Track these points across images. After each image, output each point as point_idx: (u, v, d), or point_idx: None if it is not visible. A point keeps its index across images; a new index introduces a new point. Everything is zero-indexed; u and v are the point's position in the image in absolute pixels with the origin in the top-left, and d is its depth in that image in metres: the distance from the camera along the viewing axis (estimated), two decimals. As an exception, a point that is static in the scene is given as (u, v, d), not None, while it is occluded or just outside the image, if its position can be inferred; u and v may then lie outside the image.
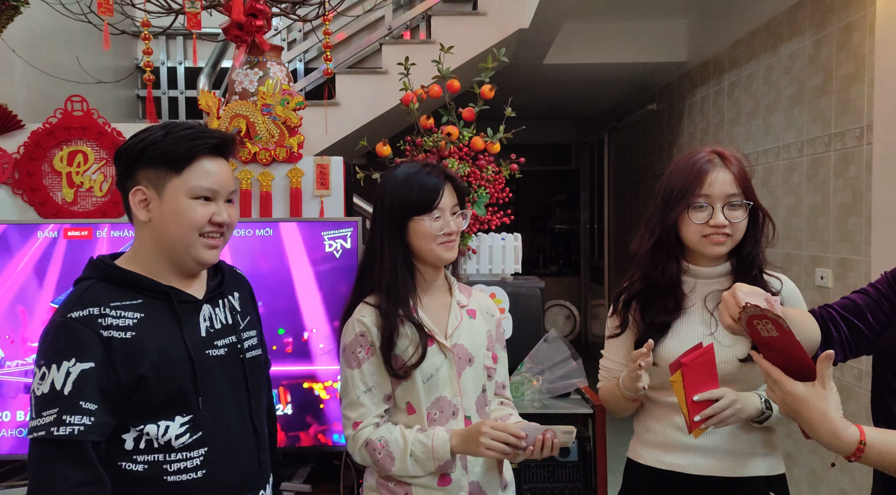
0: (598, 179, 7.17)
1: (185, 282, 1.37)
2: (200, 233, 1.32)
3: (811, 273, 2.96)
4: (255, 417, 1.41)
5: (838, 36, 2.79)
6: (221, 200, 1.35)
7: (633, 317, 1.63)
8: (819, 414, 1.11)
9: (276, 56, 2.34)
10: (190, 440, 1.30)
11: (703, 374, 1.42)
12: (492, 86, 2.30)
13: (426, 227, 1.51)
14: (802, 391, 1.12)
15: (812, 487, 2.99)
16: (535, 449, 1.45)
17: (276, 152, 2.24)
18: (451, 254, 1.55)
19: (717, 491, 1.55)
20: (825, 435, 1.12)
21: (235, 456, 1.36)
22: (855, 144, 2.67)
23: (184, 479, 1.30)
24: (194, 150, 1.30)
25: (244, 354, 1.42)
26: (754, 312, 1.14)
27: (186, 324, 1.33)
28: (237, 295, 1.48)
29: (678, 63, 4.56)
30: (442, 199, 1.51)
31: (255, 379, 1.44)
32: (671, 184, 1.57)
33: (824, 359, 1.12)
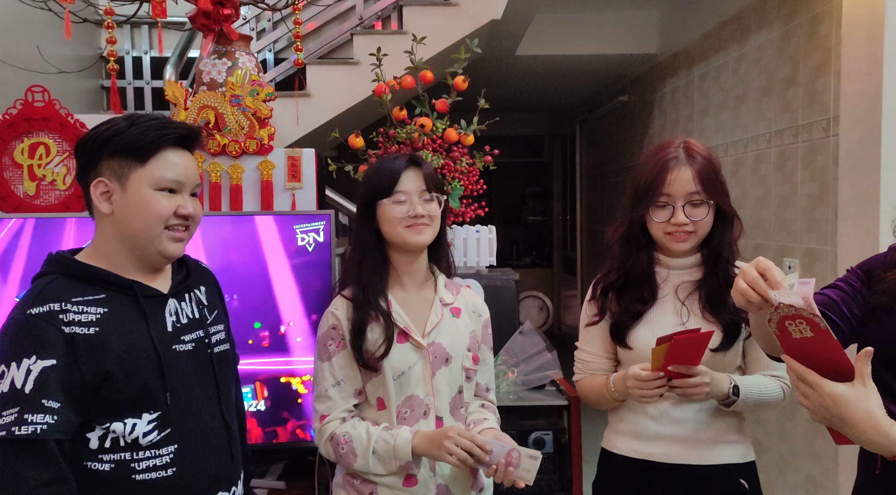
0: (570, 171, 7.21)
1: (149, 277, 1.34)
2: (166, 226, 1.29)
3: (779, 263, 3.00)
4: (225, 412, 1.40)
5: (806, 27, 2.83)
6: (187, 193, 1.32)
7: (608, 307, 1.64)
8: (864, 414, 1.05)
9: (244, 46, 2.29)
10: (158, 437, 1.28)
11: (688, 354, 1.43)
12: (465, 77, 2.29)
13: (390, 210, 1.51)
14: (844, 392, 1.05)
15: (780, 473, 3.04)
16: (498, 473, 1.44)
17: (246, 144, 2.20)
18: (418, 237, 1.52)
19: (690, 478, 1.57)
20: (872, 435, 1.05)
21: (207, 453, 1.34)
22: (822, 136, 2.71)
23: (153, 478, 1.27)
24: (160, 141, 1.28)
25: (212, 349, 1.40)
26: (787, 313, 1.06)
27: (152, 318, 1.30)
28: (203, 289, 1.46)
29: (649, 55, 4.58)
30: (404, 182, 1.51)
31: (223, 374, 1.42)
32: (638, 179, 1.60)
33: (863, 357, 1.06)
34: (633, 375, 1.49)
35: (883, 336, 1.24)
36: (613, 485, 1.65)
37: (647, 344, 1.56)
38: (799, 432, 2.90)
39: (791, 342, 1.08)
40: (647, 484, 1.59)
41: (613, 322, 1.62)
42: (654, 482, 1.59)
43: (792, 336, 1.07)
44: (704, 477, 1.56)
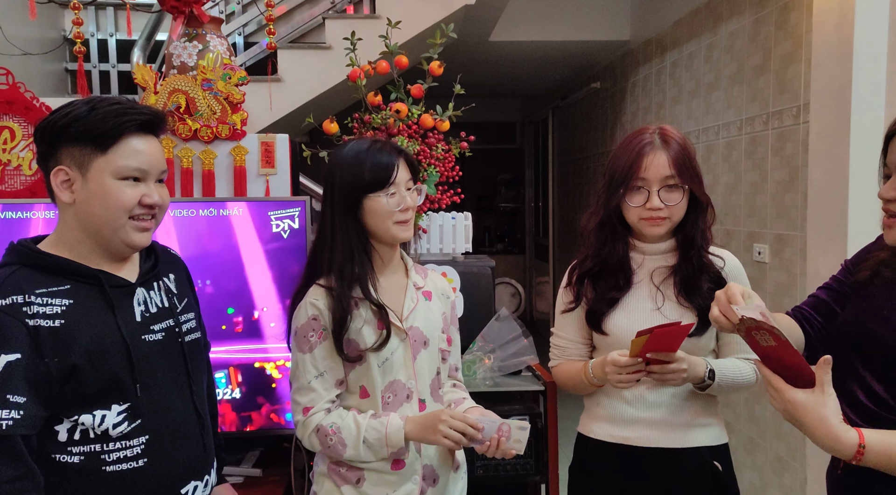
0: (542, 158, 7.23)
1: (115, 266, 1.30)
2: (130, 216, 1.25)
3: (749, 248, 3.05)
4: (197, 402, 1.38)
5: (776, 16, 2.86)
6: (152, 180, 1.28)
7: (584, 294, 1.65)
8: (818, 420, 1.11)
9: (215, 28, 2.25)
10: (129, 429, 1.26)
11: (667, 344, 1.45)
12: (441, 62, 2.27)
13: (382, 205, 1.48)
14: (802, 398, 1.13)
15: (749, 454, 3.11)
16: (490, 449, 1.46)
17: (219, 129, 2.16)
18: (407, 233, 1.52)
19: (665, 461, 1.59)
20: (825, 439, 1.12)
21: (179, 443, 1.33)
22: (792, 123, 2.75)
23: (124, 469, 1.25)
24: (121, 128, 1.23)
25: (182, 338, 1.37)
26: (751, 324, 1.16)
27: (119, 309, 1.27)
28: (173, 276, 1.43)
29: (621, 41, 4.60)
30: (397, 175, 1.49)
31: (195, 363, 1.40)
32: (614, 165, 1.60)
33: (822, 365, 1.13)
34: (612, 361, 1.50)
35: (853, 317, 1.27)
36: (590, 469, 1.67)
37: (623, 329, 1.57)
38: (767, 414, 2.97)
39: (760, 349, 1.18)
40: (623, 467, 1.61)
41: (589, 308, 1.63)
42: (629, 465, 1.60)
43: (759, 343, 1.17)
44: (679, 460, 1.58)
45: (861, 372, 1.25)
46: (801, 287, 2.68)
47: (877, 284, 1.27)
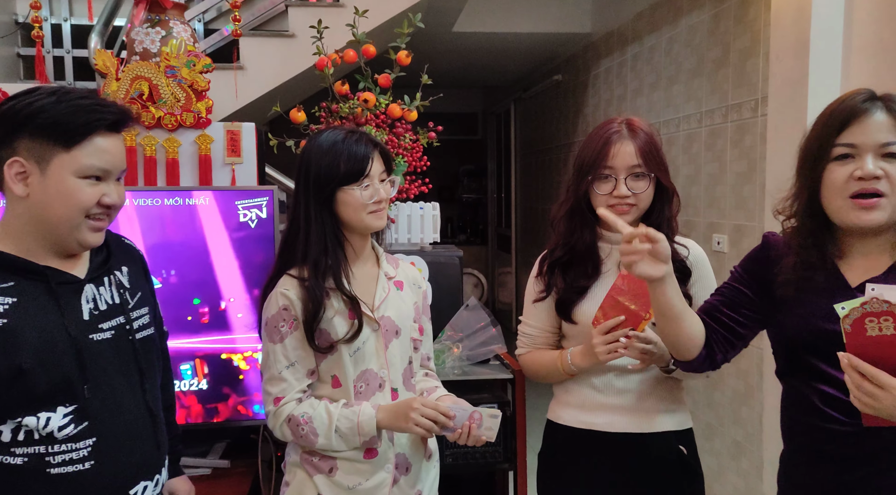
0: (504, 149, 7.27)
1: (64, 261, 1.25)
2: (87, 215, 1.21)
3: (709, 239, 3.12)
4: (150, 400, 1.34)
5: (735, 10, 2.92)
6: (112, 180, 1.23)
7: (554, 283, 1.67)
8: None
9: (179, 14, 2.21)
10: (75, 430, 1.21)
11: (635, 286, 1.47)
12: (409, 52, 2.27)
13: (356, 197, 1.47)
14: None
15: (707, 439, 3.19)
16: (462, 436, 1.47)
17: (183, 117, 2.13)
18: (381, 222, 1.52)
19: (632, 446, 1.62)
20: None
21: (130, 443, 1.29)
22: (750, 115, 2.82)
23: (69, 471, 1.21)
24: (90, 126, 1.18)
25: (134, 335, 1.33)
26: (877, 309, 1.06)
27: (67, 307, 1.22)
28: (126, 269, 1.37)
29: (583, 34, 4.64)
30: (372, 167, 1.48)
31: (148, 361, 1.36)
32: (582, 154, 1.63)
33: None
34: (600, 330, 1.52)
35: (800, 323, 1.30)
36: (559, 455, 1.69)
37: (591, 317, 1.60)
38: (725, 401, 3.05)
39: (862, 339, 1.08)
40: (592, 453, 1.64)
41: (559, 298, 1.66)
42: (598, 451, 1.64)
43: (867, 333, 1.07)
44: (646, 445, 1.62)
45: (828, 371, 1.26)
46: (758, 276, 2.75)
47: (808, 289, 1.29)
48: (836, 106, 1.26)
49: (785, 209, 1.36)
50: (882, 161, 1.20)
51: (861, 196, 1.21)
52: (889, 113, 1.22)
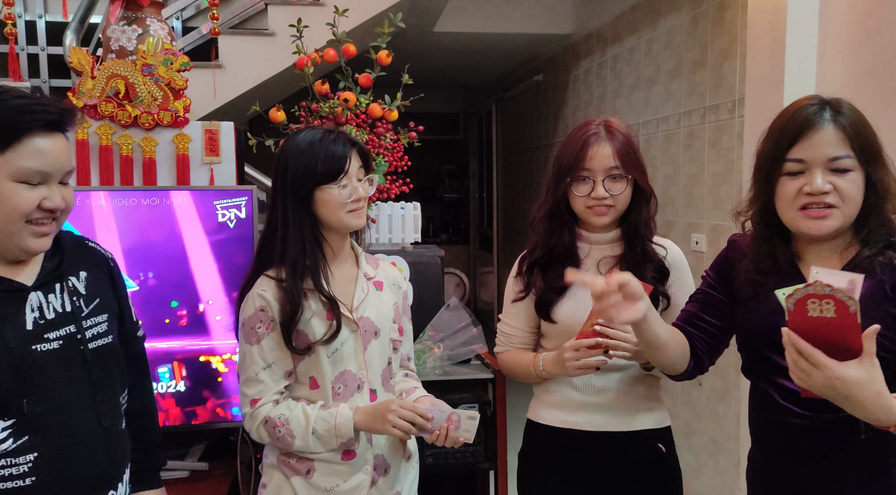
0: (486, 149, 7.28)
1: (10, 268, 1.20)
2: (28, 220, 1.15)
3: (687, 238, 3.15)
4: (103, 413, 1.28)
5: (713, 12, 2.95)
6: (54, 182, 1.18)
7: (533, 283, 1.68)
8: (874, 394, 1.09)
9: (156, 12, 2.19)
10: (14, 446, 1.16)
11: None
12: (389, 51, 2.26)
13: (334, 196, 1.46)
14: (855, 375, 1.08)
15: (685, 437, 3.22)
16: (440, 437, 1.47)
17: (160, 116, 2.11)
18: (359, 220, 1.52)
19: (612, 445, 1.63)
20: (878, 412, 1.10)
21: (79, 458, 1.23)
22: (728, 117, 2.85)
23: (8, 487, 1.15)
24: (23, 127, 1.11)
25: (86, 345, 1.26)
26: (820, 291, 1.08)
27: (8, 316, 1.17)
28: (84, 275, 1.31)
29: (563, 35, 4.66)
30: (350, 166, 1.48)
31: (102, 372, 1.29)
32: (561, 156, 1.64)
33: (871, 335, 1.08)
34: (571, 346, 1.53)
35: (758, 319, 1.33)
36: (539, 455, 1.70)
37: (571, 317, 1.61)
38: (702, 398, 3.08)
39: (803, 319, 1.11)
40: (571, 451, 1.65)
41: (539, 297, 1.66)
42: (578, 450, 1.65)
43: (808, 313, 1.10)
44: (625, 443, 1.63)
45: (786, 366, 1.25)
46: (736, 275, 2.78)
47: (765, 289, 1.31)
48: (787, 118, 1.28)
49: (742, 213, 1.40)
50: (831, 175, 1.23)
51: (812, 207, 1.25)
52: (837, 125, 1.23)
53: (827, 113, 1.24)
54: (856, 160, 1.23)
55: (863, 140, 1.23)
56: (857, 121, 1.25)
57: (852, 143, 1.23)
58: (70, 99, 2.10)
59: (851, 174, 1.23)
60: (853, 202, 1.24)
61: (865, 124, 1.25)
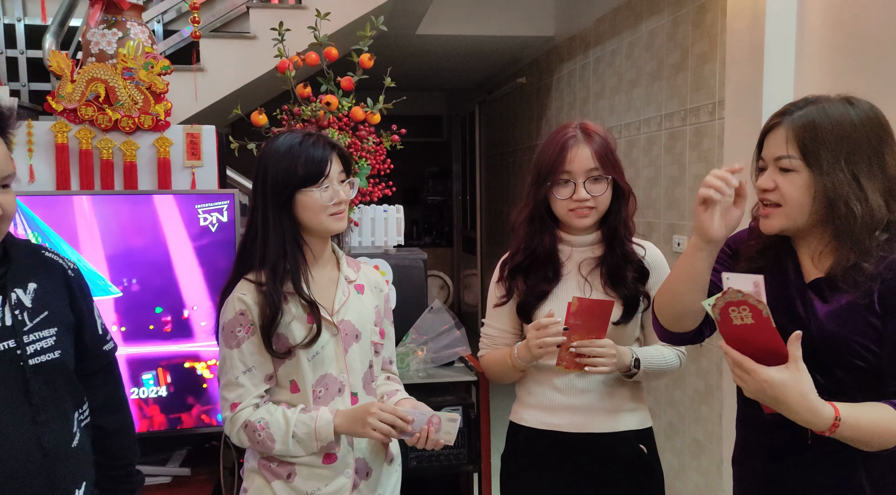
0: (469, 151, 7.29)
1: None
2: None
3: (669, 240, 3.17)
4: (44, 434, 1.22)
5: (693, 16, 2.97)
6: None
7: (515, 287, 1.69)
8: (799, 396, 1.12)
9: (136, 16, 2.17)
10: None
11: (590, 319, 1.52)
12: (371, 55, 2.26)
13: (315, 199, 1.46)
14: (780, 378, 1.13)
15: (669, 438, 3.24)
16: (420, 440, 1.47)
17: (141, 120, 2.09)
18: (341, 224, 1.52)
19: (594, 446, 1.64)
20: (805, 414, 1.13)
21: (11, 481, 1.17)
22: (708, 119, 2.87)
23: None
24: None
25: (26, 361, 1.20)
26: (734, 298, 1.13)
27: None
28: (33, 286, 1.25)
29: (546, 37, 4.68)
30: (330, 169, 1.47)
31: (45, 388, 1.23)
32: (540, 160, 1.65)
33: (794, 340, 1.13)
34: (534, 325, 1.56)
35: None
36: (521, 456, 1.71)
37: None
38: (686, 399, 3.10)
39: (731, 328, 1.15)
40: (554, 453, 1.66)
41: (520, 302, 1.67)
42: (560, 451, 1.66)
43: (732, 322, 1.14)
44: (607, 444, 1.65)
45: None
46: (717, 276, 2.81)
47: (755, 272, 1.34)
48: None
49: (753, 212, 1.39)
50: (778, 174, 1.24)
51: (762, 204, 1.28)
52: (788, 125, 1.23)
53: (786, 115, 1.25)
54: (801, 161, 1.21)
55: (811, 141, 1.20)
56: (813, 121, 1.21)
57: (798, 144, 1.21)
58: (49, 103, 2.08)
59: (794, 174, 1.22)
60: (795, 202, 1.22)
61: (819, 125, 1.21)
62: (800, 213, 1.23)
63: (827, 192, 1.20)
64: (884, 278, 1.19)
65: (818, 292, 1.26)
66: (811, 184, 1.21)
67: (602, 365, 1.55)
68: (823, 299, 1.25)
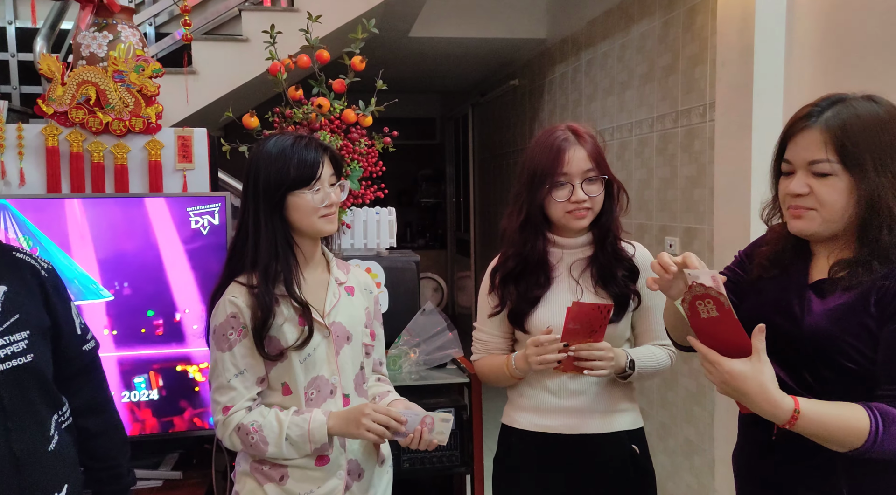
0: (462, 153, 7.29)
1: None
2: None
3: (661, 241, 3.18)
4: (15, 442, 1.20)
5: (684, 18, 2.99)
6: None
7: (508, 296, 1.68)
8: (758, 387, 1.15)
9: (127, 19, 2.17)
10: None
11: (587, 324, 1.52)
12: (363, 57, 2.26)
13: (306, 201, 1.46)
14: (740, 368, 1.15)
15: (661, 439, 3.25)
16: (414, 440, 1.47)
17: (132, 123, 2.09)
18: (331, 226, 1.52)
19: (587, 447, 1.65)
20: (764, 405, 1.15)
21: None
22: (699, 121, 2.89)
23: None
24: None
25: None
26: (699, 292, 1.15)
27: None
28: (3, 288, 1.23)
29: (538, 40, 4.70)
30: (322, 172, 1.48)
31: (16, 393, 1.21)
32: (533, 164, 1.64)
33: (758, 333, 1.16)
34: (532, 342, 1.57)
35: (753, 310, 1.34)
36: (514, 459, 1.71)
37: (545, 325, 1.62)
38: (678, 400, 3.11)
39: (699, 321, 1.19)
40: (547, 455, 1.66)
41: (512, 309, 1.67)
42: (553, 453, 1.66)
43: (700, 315, 1.18)
44: (600, 445, 1.65)
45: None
46: (708, 277, 2.82)
47: (766, 278, 1.34)
48: (791, 118, 1.26)
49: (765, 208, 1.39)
50: (811, 178, 1.21)
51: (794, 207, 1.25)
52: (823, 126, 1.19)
53: (816, 116, 1.20)
54: (840, 164, 1.17)
55: (850, 144, 1.16)
56: (848, 123, 1.17)
57: (836, 147, 1.17)
58: (40, 106, 2.07)
59: (833, 179, 1.18)
60: (834, 207, 1.19)
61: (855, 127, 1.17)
62: (840, 217, 1.20)
63: (871, 196, 1.16)
64: (885, 282, 1.18)
65: (818, 292, 1.26)
66: (852, 188, 1.17)
67: (600, 368, 1.55)
68: (822, 298, 1.25)
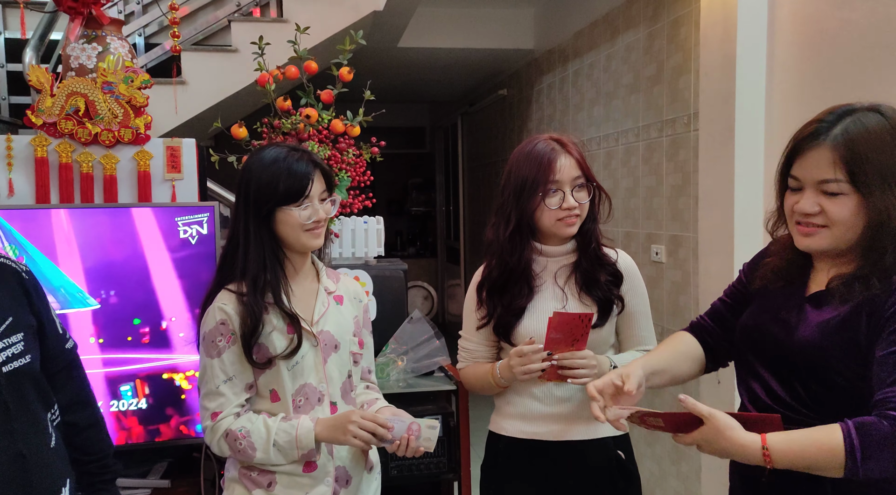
0: (452, 162, 7.33)
1: None
2: None
3: (647, 249, 3.22)
4: (20, 440, 1.21)
5: (668, 30, 3.03)
6: None
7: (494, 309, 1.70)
8: (721, 439, 1.18)
9: (116, 30, 2.19)
10: None
11: (569, 333, 1.55)
12: (350, 68, 2.29)
13: (294, 217, 1.48)
14: (700, 437, 1.22)
15: (649, 445, 3.27)
16: (401, 447, 1.48)
17: (121, 133, 2.10)
18: (317, 241, 1.53)
19: (573, 453, 1.66)
20: (735, 451, 1.18)
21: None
22: (684, 130, 2.92)
23: None
24: None
25: (0, 369, 1.20)
26: (636, 419, 1.35)
27: None
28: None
29: (526, 50, 4.74)
30: (312, 188, 1.49)
31: (19, 396, 1.23)
32: (521, 174, 1.65)
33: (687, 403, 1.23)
34: (516, 352, 1.58)
35: (752, 319, 1.37)
36: (501, 466, 1.72)
37: (530, 334, 1.63)
38: (665, 406, 3.13)
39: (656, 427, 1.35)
40: (533, 462, 1.68)
41: (497, 322, 1.68)
42: (539, 459, 1.67)
43: (652, 424, 1.34)
44: (586, 451, 1.67)
45: (760, 372, 1.32)
46: (694, 285, 2.85)
47: (771, 289, 1.35)
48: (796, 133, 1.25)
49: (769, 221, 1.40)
50: (821, 197, 1.19)
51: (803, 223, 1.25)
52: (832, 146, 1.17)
53: (826, 134, 1.18)
54: (849, 184, 1.16)
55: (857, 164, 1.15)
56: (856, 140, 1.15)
57: (845, 166, 1.15)
58: (29, 117, 2.08)
59: (843, 198, 1.17)
60: (845, 225, 1.19)
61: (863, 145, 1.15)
62: (851, 235, 1.20)
63: (880, 215, 1.16)
64: (878, 294, 1.17)
65: (814, 303, 1.27)
66: (861, 206, 1.17)
67: (584, 376, 1.57)
68: (818, 310, 1.25)
